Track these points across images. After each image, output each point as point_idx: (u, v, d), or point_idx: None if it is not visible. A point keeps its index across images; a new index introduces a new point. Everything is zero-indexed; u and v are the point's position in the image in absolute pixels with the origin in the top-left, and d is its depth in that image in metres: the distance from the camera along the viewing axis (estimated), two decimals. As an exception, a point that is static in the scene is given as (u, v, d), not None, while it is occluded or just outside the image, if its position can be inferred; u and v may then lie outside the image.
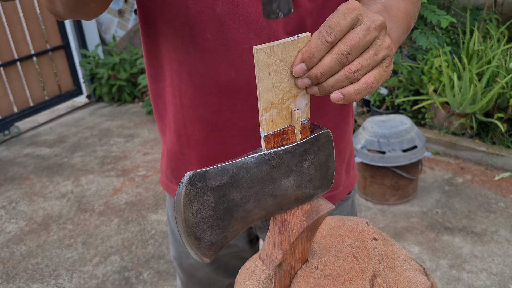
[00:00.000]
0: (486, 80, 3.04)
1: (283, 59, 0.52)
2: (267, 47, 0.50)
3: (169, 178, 1.04)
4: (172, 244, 1.14)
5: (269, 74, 0.52)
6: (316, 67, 0.51)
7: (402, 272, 0.70)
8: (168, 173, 1.03)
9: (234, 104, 0.84)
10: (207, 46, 0.79)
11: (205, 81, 0.82)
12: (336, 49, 0.51)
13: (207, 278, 1.13)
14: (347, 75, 0.52)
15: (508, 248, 2.33)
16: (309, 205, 0.64)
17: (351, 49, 0.51)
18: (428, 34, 3.06)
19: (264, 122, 0.54)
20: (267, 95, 0.53)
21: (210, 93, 0.83)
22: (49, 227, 2.72)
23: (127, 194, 3.01)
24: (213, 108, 0.85)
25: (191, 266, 1.11)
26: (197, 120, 0.87)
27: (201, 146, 0.90)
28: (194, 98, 0.85)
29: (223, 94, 0.83)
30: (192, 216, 0.55)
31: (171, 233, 1.13)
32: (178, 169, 0.99)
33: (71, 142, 3.88)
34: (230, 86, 0.82)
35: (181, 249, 1.11)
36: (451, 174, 3.01)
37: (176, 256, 1.13)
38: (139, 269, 2.34)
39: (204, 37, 0.78)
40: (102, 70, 4.49)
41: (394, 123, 2.62)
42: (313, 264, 0.69)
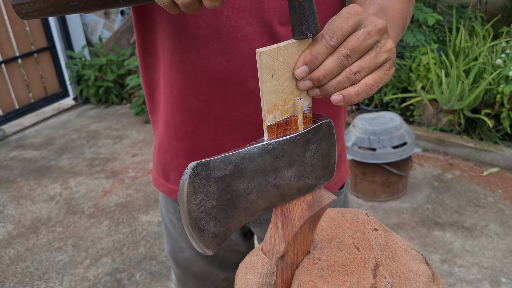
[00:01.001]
0: (473, 77, 3.07)
1: (285, 61, 0.52)
2: (269, 50, 0.50)
3: (157, 172, 1.03)
4: (166, 239, 1.13)
5: (272, 76, 0.52)
6: (318, 69, 0.52)
7: (404, 262, 0.70)
8: (157, 166, 1.02)
9: (225, 93, 0.83)
10: (199, 34, 0.79)
11: (196, 70, 0.82)
12: (337, 51, 0.52)
13: (202, 271, 1.13)
14: (348, 76, 0.53)
15: (498, 242, 2.35)
16: (311, 196, 0.64)
17: (351, 52, 0.51)
18: (415, 31, 3.09)
19: (268, 129, 0.55)
20: (270, 97, 0.53)
21: (201, 82, 0.83)
22: (38, 230, 2.69)
23: (117, 195, 2.98)
24: (203, 97, 0.84)
25: (185, 260, 1.11)
26: (186, 110, 0.87)
27: (190, 137, 0.90)
28: (185, 87, 0.85)
29: (214, 83, 0.83)
30: (195, 208, 0.54)
31: (165, 228, 1.12)
32: (165, 162, 0.98)
33: (59, 144, 3.83)
34: (222, 75, 0.82)
35: (175, 244, 1.11)
36: (440, 170, 3.04)
37: (171, 250, 1.13)
38: (131, 270, 2.31)
39: (197, 24, 0.78)
40: (89, 72, 4.45)
41: (384, 120, 2.63)
42: (315, 256, 0.68)
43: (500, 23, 3.80)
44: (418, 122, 3.47)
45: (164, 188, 1.02)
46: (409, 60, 3.48)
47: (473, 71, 3.07)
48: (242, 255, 1.17)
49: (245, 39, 0.79)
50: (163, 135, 0.95)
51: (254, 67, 0.81)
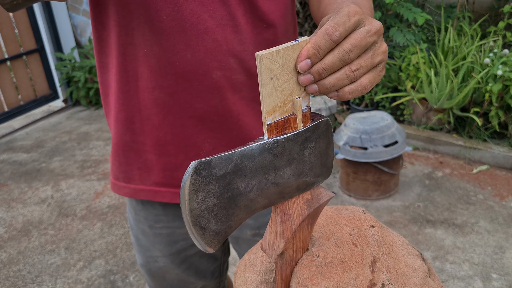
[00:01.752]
0: (462, 76, 3.11)
1: (284, 64, 0.53)
2: (269, 53, 0.51)
3: (116, 177, 1.00)
4: (138, 251, 1.10)
5: (271, 79, 0.53)
6: (319, 63, 0.52)
7: (401, 258, 0.72)
8: (115, 169, 0.99)
9: (190, 85, 0.85)
10: (162, 28, 0.80)
11: (161, 63, 0.83)
12: (339, 46, 0.52)
13: (178, 280, 1.10)
14: (348, 74, 0.54)
15: (488, 239, 2.38)
16: (309, 193, 0.65)
17: (353, 47, 0.52)
18: (405, 31, 3.12)
19: (268, 128, 0.56)
20: (270, 99, 0.54)
21: (166, 74, 0.84)
22: (30, 233, 2.67)
23: (109, 197, 2.97)
24: (169, 90, 0.86)
25: (160, 269, 1.08)
26: (153, 103, 0.87)
27: (157, 130, 0.90)
28: (150, 81, 0.86)
29: (179, 75, 0.84)
30: (197, 206, 0.55)
31: (136, 239, 1.09)
32: (127, 162, 0.96)
33: (49, 147, 3.81)
34: (186, 67, 0.83)
35: (147, 254, 1.08)
36: (431, 169, 3.07)
37: (143, 262, 1.09)
38: (125, 272, 2.31)
39: (159, 18, 0.80)
40: (79, 74, 4.42)
41: (375, 119, 2.65)
42: (314, 252, 0.69)
43: (487, 22, 3.84)
44: (408, 121, 3.50)
45: (126, 190, 0.99)
46: (399, 60, 3.51)
47: (462, 70, 3.11)
48: (217, 261, 1.15)
49: (208, 31, 0.81)
50: (124, 133, 0.93)
51: (218, 58, 0.83)
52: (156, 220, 1.02)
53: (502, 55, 3.10)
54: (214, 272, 1.16)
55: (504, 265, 2.20)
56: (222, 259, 1.18)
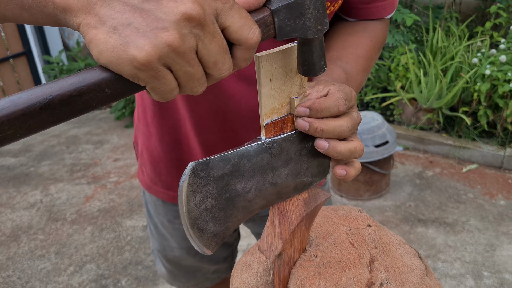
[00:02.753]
0: (450, 76, 3.13)
1: (283, 66, 0.53)
2: (268, 55, 0.51)
3: (153, 181, 1.04)
4: (155, 238, 1.15)
5: (270, 80, 0.53)
6: (321, 122, 0.55)
7: (398, 256, 0.72)
8: (154, 176, 1.03)
9: (237, 128, 0.88)
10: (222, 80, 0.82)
11: (211, 111, 0.86)
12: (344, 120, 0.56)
13: (193, 266, 1.16)
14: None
15: (479, 237, 2.40)
16: (307, 194, 0.65)
17: (352, 127, 0.57)
18: (394, 32, 3.14)
19: (265, 128, 0.56)
20: (268, 101, 0.54)
21: (215, 119, 0.87)
22: (19, 238, 2.63)
23: (99, 201, 2.95)
24: (215, 130, 0.89)
25: (175, 257, 1.14)
26: (198, 146, 0.91)
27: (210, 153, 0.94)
28: (198, 125, 0.89)
29: (228, 121, 0.87)
30: (195, 207, 0.54)
31: (154, 227, 1.13)
32: (170, 174, 1.00)
33: (37, 150, 3.77)
34: (237, 114, 0.86)
35: (165, 243, 1.12)
36: (421, 168, 3.09)
37: (160, 249, 1.15)
38: (117, 276, 2.29)
39: None
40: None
41: (365, 119, 2.66)
42: (311, 253, 0.69)
43: (474, 23, 3.88)
44: (398, 121, 3.52)
45: (165, 195, 1.04)
46: (388, 60, 3.54)
47: (451, 70, 3.13)
48: (231, 247, 1.21)
49: None
50: (170, 151, 0.96)
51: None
52: (176, 216, 1.07)
53: (489, 55, 3.13)
54: (227, 257, 1.22)
55: (495, 263, 2.22)
56: (234, 244, 1.25)
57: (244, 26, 0.44)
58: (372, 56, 0.83)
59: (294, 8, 0.47)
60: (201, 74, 0.44)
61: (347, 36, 0.83)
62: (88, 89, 0.41)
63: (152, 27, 0.40)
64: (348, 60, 0.78)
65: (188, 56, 0.42)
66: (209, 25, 0.42)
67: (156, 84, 0.42)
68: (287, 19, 0.47)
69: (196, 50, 0.43)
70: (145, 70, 0.40)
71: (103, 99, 0.42)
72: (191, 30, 0.41)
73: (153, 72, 0.41)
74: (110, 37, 0.40)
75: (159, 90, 0.43)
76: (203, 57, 0.43)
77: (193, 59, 0.42)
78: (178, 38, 0.40)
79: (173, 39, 0.40)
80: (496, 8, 3.33)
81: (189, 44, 0.41)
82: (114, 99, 0.43)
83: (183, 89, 0.45)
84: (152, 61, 0.40)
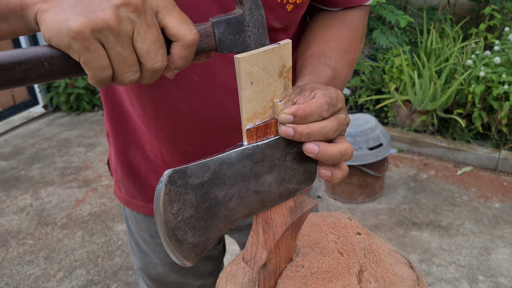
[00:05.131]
0: (444, 78, 3.12)
1: (265, 68, 0.51)
2: (248, 56, 0.49)
3: (132, 195, 1.00)
4: (136, 255, 1.10)
5: (251, 83, 0.51)
6: (305, 126, 0.53)
7: (388, 266, 0.69)
8: (132, 190, 1.00)
9: (218, 140, 0.83)
10: (191, 87, 0.77)
11: (187, 119, 0.81)
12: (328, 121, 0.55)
13: (177, 282, 1.12)
14: None
15: (474, 240, 2.38)
16: (292, 201, 0.62)
17: (338, 128, 0.56)
18: (388, 34, 3.12)
19: (247, 133, 0.53)
20: (249, 105, 0.52)
21: (192, 130, 0.82)
22: (8, 243, 2.59)
23: (90, 205, 2.91)
24: (194, 143, 0.84)
25: (158, 275, 1.09)
26: (175, 151, 0.86)
27: None
28: (173, 133, 0.84)
29: (206, 131, 0.82)
30: (172, 217, 0.51)
31: (135, 244, 1.09)
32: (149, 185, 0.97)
33: (28, 154, 3.72)
34: (214, 124, 0.81)
35: (147, 260, 1.08)
36: (416, 171, 3.07)
37: (142, 267, 1.10)
38: (107, 281, 2.25)
39: (189, 78, 0.76)
40: (59, 79, 4.34)
41: (359, 122, 2.64)
42: (298, 263, 0.66)
43: (468, 24, 3.88)
44: (393, 123, 3.50)
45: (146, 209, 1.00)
46: (382, 62, 3.52)
47: (445, 72, 3.12)
48: (215, 261, 1.17)
49: None
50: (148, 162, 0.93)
51: None
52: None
53: (484, 56, 3.12)
54: (212, 271, 1.18)
55: (490, 267, 2.20)
56: (219, 258, 1.20)
57: (182, 24, 0.48)
58: (355, 48, 0.80)
59: (234, 23, 0.52)
60: (134, 61, 0.47)
61: (326, 29, 0.80)
62: (27, 60, 0.45)
63: (93, 9, 0.44)
64: (331, 56, 0.75)
65: (122, 38, 0.45)
66: (147, 16, 0.46)
67: (88, 57, 0.45)
68: (227, 33, 0.52)
69: (132, 38, 0.46)
70: (78, 40, 0.44)
71: (42, 73, 0.46)
72: (128, 14, 0.45)
73: (85, 43, 0.44)
74: (56, 15, 0.45)
75: (91, 66, 0.46)
76: (136, 43, 0.46)
77: (127, 42, 0.46)
78: (114, 18, 0.44)
79: (109, 17, 0.44)
80: (490, 10, 3.32)
81: (125, 27, 0.45)
82: (53, 76, 0.47)
83: (116, 73, 0.47)
84: (85, 32, 0.43)
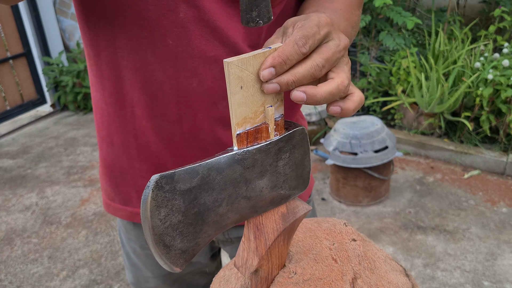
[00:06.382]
0: (452, 80, 3.09)
1: (255, 72, 0.50)
2: (238, 60, 0.48)
3: (110, 197, 0.94)
4: (128, 269, 1.06)
5: (241, 87, 0.49)
6: (288, 74, 0.50)
7: (383, 274, 0.68)
8: (110, 191, 0.93)
9: (195, 115, 0.78)
10: (167, 53, 0.73)
11: (164, 90, 0.76)
12: (312, 60, 0.50)
13: None
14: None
15: (479, 245, 2.35)
16: (285, 207, 0.61)
17: (326, 63, 0.50)
18: (395, 35, 3.10)
19: (237, 138, 0.52)
20: (239, 110, 0.51)
21: (169, 102, 0.77)
22: (13, 241, 2.60)
23: (95, 204, 2.91)
24: (172, 118, 0.79)
25: None
26: (152, 131, 0.81)
27: (156, 158, 0.83)
28: (150, 108, 0.78)
29: (183, 104, 0.77)
30: (160, 223, 0.50)
31: (127, 257, 1.05)
32: (124, 184, 0.90)
33: (35, 152, 3.74)
34: (191, 96, 0.76)
35: (138, 274, 1.04)
36: (422, 174, 3.04)
37: (134, 281, 1.06)
38: (109, 281, 2.25)
39: (164, 42, 0.72)
40: (67, 78, 4.37)
41: (365, 124, 2.62)
42: (290, 269, 0.65)
43: (478, 26, 3.84)
44: (399, 125, 3.48)
45: (123, 213, 0.93)
46: (389, 64, 3.49)
47: (453, 75, 3.09)
48: (210, 276, 1.12)
49: (218, 59, 0.74)
50: (120, 156, 0.87)
51: (223, 88, 0.75)
52: None
53: (492, 59, 3.09)
54: (205, 285, 1.14)
55: (496, 272, 2.17)
56: (215, 273, 1.14)
57: None
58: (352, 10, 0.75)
59: None
60: None
61: None
62: None
63: None
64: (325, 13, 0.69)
65: None
66: None
67: None
68: None
69: None
70: None
71: None
72: None
73: None
74: None
75: None
76: None
77: None
78: None
79: None
80: (500, 12, 3.28)
81: None
82: None
83: None
84: None
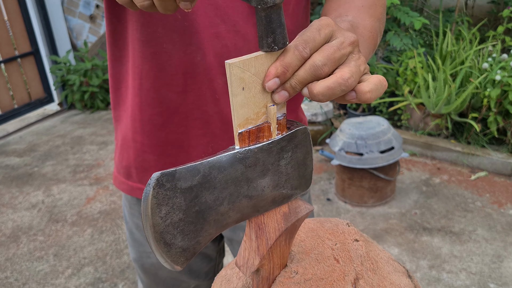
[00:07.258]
0: (459, 81, 3.07)
1: (257, 73, 0.50)
2: (239, 61, 0.48)
3: (118, 170, 1.00)
4: (131, 245, 1.09)
5: (243, 89, 0.49)
6: (292, 78, 0.50)
7: (385, 275, 0.67)
8: (118, 164, 1.00)
9: (199, 88, 0.84)
10: (176, 26, 0.79)
11: (172, 61, 0.82)
12: (311, 60, 0.50)
13: (171, 278, 1.10)
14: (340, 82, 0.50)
15: (486, 247, 2.34)
16: (287, 207, 0.61)
17: (326, 61, 0.50)
18: (402, 35, 3.08)
19: (239, 137, 0.52)
20: (241, 111, 0.51)
21: (176, 73, 0.83)
22: (19, 239, 2.62)
23: (100, 203, 2.93)
24: (177, 89, 0.84)
25: (153, 266, 1.08)
26: (157, 102, 0.86)
27: (159, 131, 0.88)
28: (158, 79, 0.84)
29: (189, 76, 0.83)
30: (161, 221, 0.50)
31: (130, 233, 1.08)
32: (128, 159, 0.96)
33: (42, 151, 3.77)
34: (196, 69, 0.82)
35: (141, 249, 1.07)
36: (428, 175, 3.02)
37: (136, 257, 1.09)
38: (114, 280, 2.26)
39: (174, 16, 0.78)
40: (74, 77, 4.39)
41: (371, 124, 2.61)
42: (292, 269, 0.65)
43: (486, 27, 3.81)
44: (406, 126, 3.46)
45: (124, 186, 0.99)
46: (396, 64, 3.47)
47: (460, 75, 3.07)
48: (212, 261, 1.14)
49: (219, 36, 0.80)
50: (127, 130, 0.93)
51: (223, 64, 0.81)
52: None
53: (500, 60, 3.06)
54: (208, 272, 1.15)
55: (502, 275, 2.15)
56: (217, 260, 1.17)
57: None
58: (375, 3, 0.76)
59: None
60: None
61: None
62: None
63: None
64: (348, 13, 0.72)
65: None
66: None
67: None
68: None
69: None
70: None
71: None
72: None
73: None
74: None
75: None
76: None
77: None
78: None
79: None
80: (508, 12, 3.26)
81: None
82: None
83: None
84: None
